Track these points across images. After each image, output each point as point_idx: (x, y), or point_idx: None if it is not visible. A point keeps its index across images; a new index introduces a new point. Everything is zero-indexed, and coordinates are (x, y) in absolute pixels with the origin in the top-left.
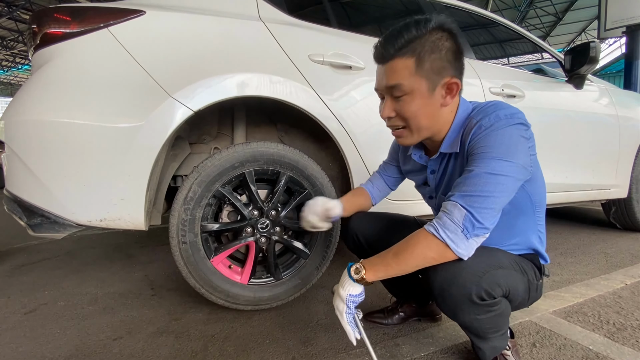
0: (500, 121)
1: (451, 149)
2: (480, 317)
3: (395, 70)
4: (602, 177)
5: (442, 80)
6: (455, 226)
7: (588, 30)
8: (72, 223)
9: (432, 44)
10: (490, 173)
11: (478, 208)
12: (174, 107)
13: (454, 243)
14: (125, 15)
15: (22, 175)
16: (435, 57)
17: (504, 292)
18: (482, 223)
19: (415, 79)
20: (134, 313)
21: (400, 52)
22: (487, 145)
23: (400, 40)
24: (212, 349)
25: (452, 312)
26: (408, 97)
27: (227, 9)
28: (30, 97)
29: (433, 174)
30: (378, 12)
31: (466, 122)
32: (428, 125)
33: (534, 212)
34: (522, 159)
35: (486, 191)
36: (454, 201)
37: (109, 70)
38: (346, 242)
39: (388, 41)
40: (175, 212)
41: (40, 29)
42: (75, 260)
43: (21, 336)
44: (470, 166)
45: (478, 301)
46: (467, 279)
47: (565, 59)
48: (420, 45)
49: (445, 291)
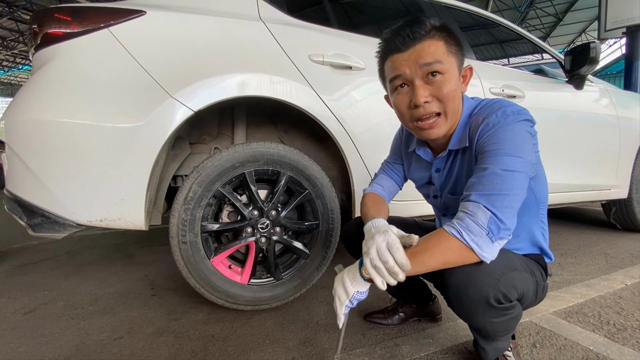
0: (508, 117)
1: (460, 144)
2: (495, 321)
3: (431, 50)
4: (602, 177)
5: (463, 66)
6: (480, 229)
7: (588, 31)
8: (72, 223)
9: (447, 36)
10: (505, 170)
11: (500, 207)
12: (175, 107)
13: (479, 247)
14: (125, 16)
15: (23, 175)
16: (455, 45)
17: (519, 295)
18: (505, 224)
19: (449, 58)
20: (134, 313)
21: (429, 35)
22: (498, 142)
23: (426, 25)
24: (212, 349)
25: (466, 314)
26: (444, 77)
27: (228, 9)
28: (30, 97)
29: (438, 172)
30: (378, 12)
31: (471, 119)
32: (457, 110)
33: (538, 209)
34: (530, 155)
35: (505, 189)
36: (475, 201)
37: (110, 70)
38: (346, 245)
39: (413, 25)
40: (176, 212)
41: (40, 29)
42: (75, 260)
43: (21, 336)
44: (482, 164)
45: (495, 304)
46: (485, 282)
47: (566, 59)
48: (441, 33)
49: (461, 293)
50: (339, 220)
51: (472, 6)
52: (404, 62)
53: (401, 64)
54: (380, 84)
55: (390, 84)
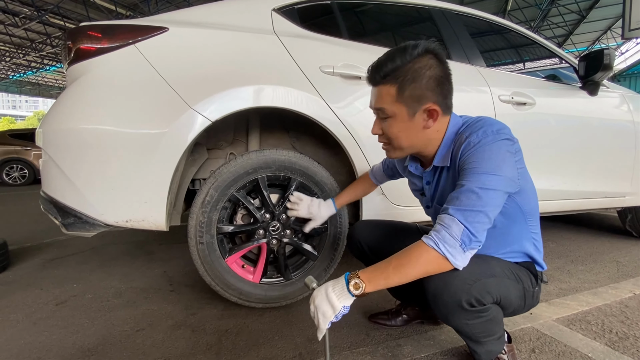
0: (487, 137)
1: (443, 162)
2: (470, 322)
3: (380, 96)
4: (617, 184)
5: (422, 107)
6: (454, 240)
7: (614, 28)
8: (101, 223)
9: (415, 72)
10: (481, 188)
11: (473, 222)
12: (194, 118)
13: (452, 256)
14: (150, 32)
15: (58, 179)
16: (416, 86)
17: (494, 299)
18: (476, 237)
19: (397, 105)
20: (154, 307)
21: (384, 80)
22: (477, 161)
23: (385, 68)
24: (226, 342)
25: (444, 316)
26: (391, 120)
27: (244, 23)
28: (65, 108)
29: (428, 184)
30: (389, 21)
31: (456, 137)
32: (409, 145)
33: (526, 221)
34: (509, 172)
35: (479, 205)
36: (452, 215)
37: (135, 84)
38: (350, 249)
39: (376, 68)
40: (194, 215)
41: (74, 44)
42: (100, 256)
43: (54, 325)
44: (462, 180)
45: (468, 307)
46: (458, 287)
47: (580, 65)
48: (403, 74)
49: (437, 297)
50: (346, 224)
51: (482, 12)
52: (371, 96)
53: (370, 97)
54: None
55: None
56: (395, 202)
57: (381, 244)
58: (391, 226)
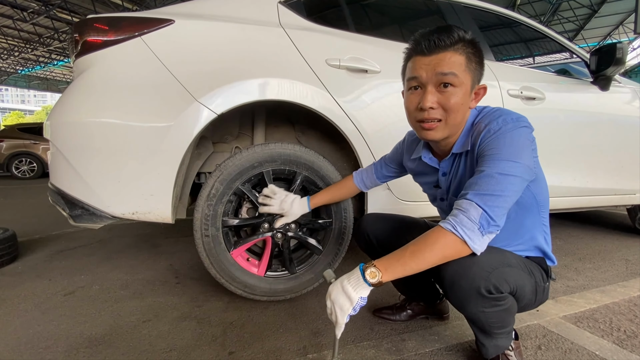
0: (508, 125)
1: (462, 148)
2: (486, 310)
3: (450, 61)
4: (627, 181)
5: (477, 85)
6: (473, 223)
7: (626, 23)
8: (108, 215)
9: (472, 52)
10: (501, 173)
11: (492, 206)
12: (200, 111)
13: (471, 240)
14: (156, 25)
15: (65, 171)
16: (477, 61)
17: (511, 289)
18: (495, 221)
19: (465, 74)
20: (160, 299)
21: (454, 47)
22: (497, 147)
23: (454, 36)
24: (231, 334)
25: (460, 303)
26: (455, 90)
27: (250, 16)
28: (72, 101)
29: (445, 176)
30: (397, 14)
31: (473, 126)
32: (459, 122)
33: (539, 212)
34: (528, 160)
35: (498, 190)
36: (470, 199)
37: (142, 76)
38: (358, 241)
39: (442, 33)
40: (199, 208)
41: (81, 37)
42: (107, 248)
43: (62, 315)
44: (481, 167)
45: (486, 294)
46: (477, 274)
47: (591, 59)
48: (466, 48)
49: (455, 283)
50: (352, 218)
51: (491, 5)
52: (423, 65)
53: (420, 67)
54: (393, 86)
55: (407, 83)
56: (400, 197)
57: (389, 237)
58: (400, 220)
